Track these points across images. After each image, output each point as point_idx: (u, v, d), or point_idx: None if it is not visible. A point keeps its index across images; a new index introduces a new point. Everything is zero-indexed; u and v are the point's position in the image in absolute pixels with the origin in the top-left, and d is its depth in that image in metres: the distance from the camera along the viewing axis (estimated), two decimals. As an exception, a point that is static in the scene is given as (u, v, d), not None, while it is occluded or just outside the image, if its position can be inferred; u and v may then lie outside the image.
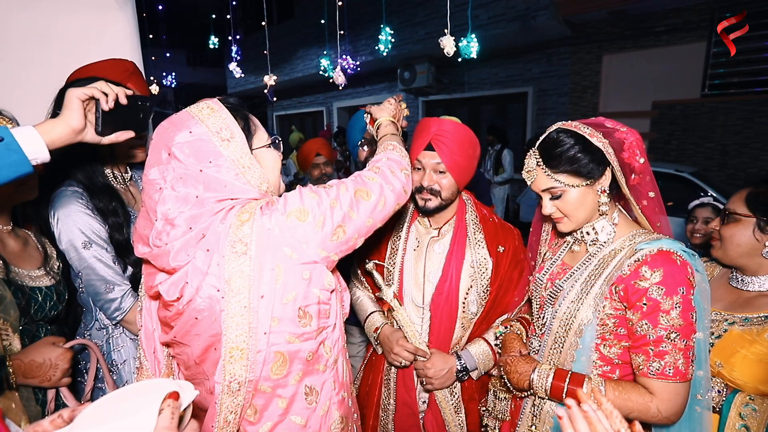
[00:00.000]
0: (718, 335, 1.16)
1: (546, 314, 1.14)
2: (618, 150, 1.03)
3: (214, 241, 0.84)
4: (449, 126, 1.34)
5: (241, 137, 0.90)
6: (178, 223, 0.83)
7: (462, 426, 1.43)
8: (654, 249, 0.97)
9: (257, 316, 0.85)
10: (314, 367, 0.96)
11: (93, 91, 0.96)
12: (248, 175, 0.90)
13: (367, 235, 0.99)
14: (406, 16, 7.28)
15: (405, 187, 1.04)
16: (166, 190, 0.85)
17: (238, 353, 0.85)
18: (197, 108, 0.90)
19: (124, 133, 1.07)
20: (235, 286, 0.83)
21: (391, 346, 1.40)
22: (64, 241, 1.23)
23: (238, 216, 0.86)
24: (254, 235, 0.84)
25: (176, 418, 0.53)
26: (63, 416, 0.58)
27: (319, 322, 0.94)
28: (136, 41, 2.00)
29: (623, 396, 0.96)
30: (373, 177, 1.00)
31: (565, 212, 1.07)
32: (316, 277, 0.91)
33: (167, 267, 0.86)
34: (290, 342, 0.90)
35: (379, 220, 0.99)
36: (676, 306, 0.93)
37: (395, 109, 1.32)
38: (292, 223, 0.87)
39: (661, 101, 5.98)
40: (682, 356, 0.93)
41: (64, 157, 1.28)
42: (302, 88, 11.11)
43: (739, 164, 5.56)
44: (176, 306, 0.88)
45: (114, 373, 1.35)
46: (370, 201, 0.96)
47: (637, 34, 6.01)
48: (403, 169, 1.07)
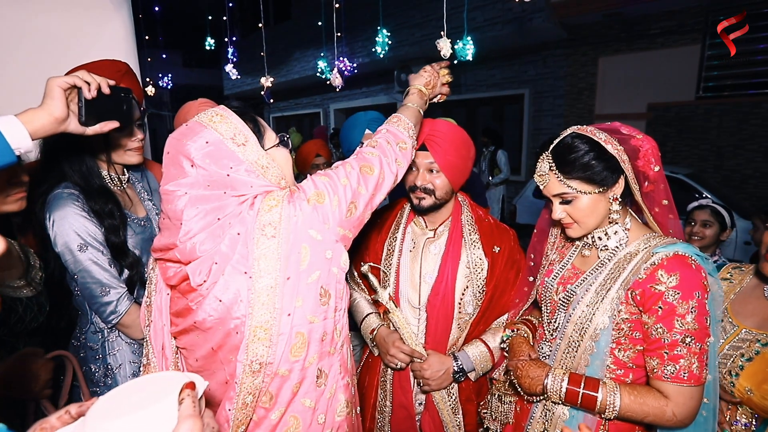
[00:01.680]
0: (749, 357, 1.09)
1: (558, 319, 1.13)
2: (633, 158, 1.02)
3: (243, 225, 0.88)
4: (442, 126, 1.36)
5: (254, 140, 0.93)
6: (206, 216, 0.87)
7: (460, 427, 1.43)
8: (670, 253, 0.97)
9: (282, 297, 0.89)
10: (326, 349, 0.99)
11: (74, 79, 0.95)
12: (268, 174, 0.94)
13: (374, 209, 1.05)
14: (402, 18, 7.30)
15: (398, 160, 1.09)
16: (192, 194, 0.87)
17: (262, 332, 0.88)
18: (207, 116, 0.92)
19: (109, 124, 1.05)
20: (263, 266, 0.87)
21: (387, 347, 1.40)
22: (60, 244, 1.22)
23: (267, 201, 0.91)
24: (282, 220, 0.90)
25: (197, 405, 0.52)
26: (71, 412, 0.56)
27: (336, 302, 0.99)
28: (132, 42, 1.99)
29: (639, 400, 0.96)
30: (371, 152, 1.06)
31: (576, 218, 1.06)
32: (336, 255, 0.97)
33: (193, 257, 0.88)
34: (311, 321, 0.94)
35: (381, 192, 1.05)
36: (692, 310, 0.92)
37: (430, 76, 1.28)
38: (313, 206, 0.93)
39: (656, 103, 6.02)
40: (696, 360, 0.92)
41: (60, 159, 1.28)
42: (299, 90, 11.11)
43: (734, 166, 5.60)
44: (200, 290, 0.89)
45: (109, 377, 1.34)
46: (374, 175, 1.03)
47: (632, 37, 6.05)
48: (399, 142, 1.11)
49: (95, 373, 1.33)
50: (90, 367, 1.33)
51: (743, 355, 1.09)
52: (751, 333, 1.11)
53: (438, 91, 1.32)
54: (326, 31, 6.32)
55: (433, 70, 1.30)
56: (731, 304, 1.23)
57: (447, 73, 1.33)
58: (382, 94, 9.34)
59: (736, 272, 1.30)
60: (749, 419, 1.05)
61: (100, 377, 1.33)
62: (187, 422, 0.49)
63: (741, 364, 1.08)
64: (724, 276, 1.31)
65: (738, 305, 1.22)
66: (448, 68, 1.35)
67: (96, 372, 1.33)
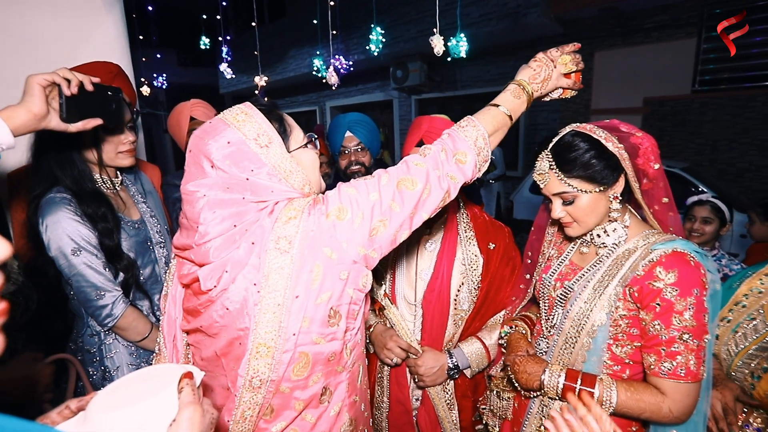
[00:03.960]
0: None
1: (556, 315, 1.13)
2: (633, 156, 1.01)
3: (260, 233, 0.84)
4: (440, 123, 1.36)
5: (278, 142, 0.88)
6: (222, 221, 0.83)
7: (455, 422, 1.44)
8: (669, 249, 0.97)
9: (289, 316, 0.84)
10: (334, 368, 0.95)
11: (54, 76, 0.95)
12: (291, 179, 0.88)
13: (415, 228, 0.93)
14: (397, 14, 7.27)
15: (452, 174, 0.92)
16: (210, 196, 0.84)
17: (265, 350, 0.84)
18: (231, 114, 0.88)
19: (92, 121, 1.05)
20: (273, 282, 0.83)
21: (384, 343, 1.41)
22: (53, 248, 1.22)
23: (286, 212, 0.85)
24: (299, 235, 0.83)
25: (197, 393, 0.53)
26: (71, 407, 0.57)
27: (347, 322, 0.93)
28: (125, 43, 1.98)
29: (635, 396, 0.96)
30: (418, 162, 0.91)
31: (576, 217, 1.05)
32: (353, 277, 0.89)
33: (206, 261, 0.85)
34: (316, 343, 0.89)
35: (425, 210, 0.91)
36: (690, 307, 0.92)
37: (541, 66, 1.03)
38: (332, 222, 0.85)
39: (652, 97, 6.03)
40: (693, 357, 0.92)
41: (51, 163, 1.27)
42: (294, 88, 11.07)
43: (729, 159, 5.61)
44: (209, 294, 0.87)
45: (107, 380, 1.34)
46: (415, 190, 0.89)
47: (628, 31, 6.05)
48: (457, 153, 0.93)
49: (93, 376, 1.33)
50: (88, 371, 1.33)
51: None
52: None
53: (555, 85, 1.05)
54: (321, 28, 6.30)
55: (547, 58, 1.03)
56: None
57: (571, 60, 1.03)
58: (378, 91, 9.32)
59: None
60: (763, 424, 1.02)
61: (98, 380, 1.33)
62: (188, 409, 0.51)
63: (766, 366, 1.05)
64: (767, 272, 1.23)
65: None
66: (575, 52, 1.04)
67: (94, 375, 1.33)
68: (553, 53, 1.04)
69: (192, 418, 0.50)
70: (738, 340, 1.14)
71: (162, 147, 13.11)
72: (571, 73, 1.04)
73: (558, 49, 1.04)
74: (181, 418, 0.50)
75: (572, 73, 1.04)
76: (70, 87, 0.98)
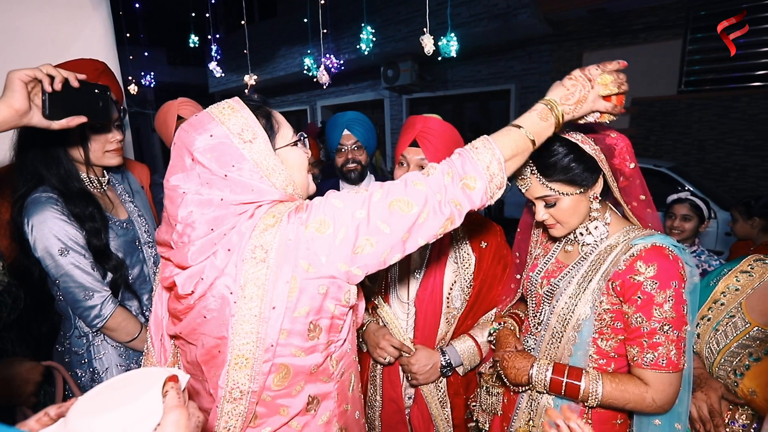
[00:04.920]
0: (757, 357, 1.06)
1: (543, 311, 1.15)
2: (609, 156, 1.04)
3: (237, 240, 0.80)
4: (434, 123, 1.37)
5: (263, 137, 0.85)
6: (199, 225, 0.80)
7: (448, 420, 1.45)
8: (648, 244, 1.00)
9: (266, 327, 0.81)
10: (318, 378, 0.92)
11: (35, 72, 0.94)
12: (273, 177, 0.85)
13: (408, 252, 0.86)
14: (388, 14, 7.28)
15: (457, 201, 0.84)
16: (189, 194, 0.81)
17: (243, 361, 0.82)
18: (218, 108, 0.85)
19: (76, 119, 1.03)
20: (249, 292, 0.80)
21: (377, 341, 1.42)
22: (40, 249, 1.20)
23: (264, 219, 0.81)
24: (275, 243, 0.79)
25: (182, 397, 0.52)
26: (49, 414, 0.55)
27: (329, 336, 0.89)
28: (111, 41, 1.96)
29: (620, 388, 0.99)
30: (418, 182, 0.84)
31: (559, 219, 1.08)
32: (333, 291, 0.85)
33: (184, 264, 0.84)
34: (295, 355, 0.86)
35: (422, 236, 0.84)
36: (669, 299, 0.95)
37: (576, 86, 0.89)
38: (311, 234, 0.80)
39: (640, 98, 6.11)
40: (674, 347, 0.96)
41: (35, 162, 1.24)
42: (285, 87, 11.02)
43: (715, 159, 5.72)
44: (188, 300, 0.85)
45: (96, 382, 1.32)
46: (410, 213, 0.81)
47: (616, 32, 6.13)
48: (465, 178, 0.83)
49: (81, 378, 1.31)
50: (76, 372, 1.31)
51: (751, 355, 1.06)
52: (764, 332, 1.07)
53: (591, 108, 0.91)
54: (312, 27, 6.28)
55: (585, 77, 0.90)
56: (747, 299, 1.17)
57: (612, 81, 0.89)
58: (369, 90, 9.31)
59: (758, 265, 1.21)
60: (749, 421, 1.03)
61: (86, 382, 1.31)
62: (173, 413, 0.50)
63: (747, 363, 1.06)
64: (744, 268, 1.25)
65: (754, 301, 1.16)
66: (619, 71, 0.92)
67: (82, 377, 1.31)
68: (592, 71, 0.90)
69: (177, 421, 0.49)
70: (719, 338, 1.16)
71: (150, 146, 12.96)
72: (612, 95, 0.90)
73: (598, 66, 0.90)
74: (166, 422, 0.49)
75: (613, 96, 0.90)
76: (54, 84, 0.96)
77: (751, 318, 1.14)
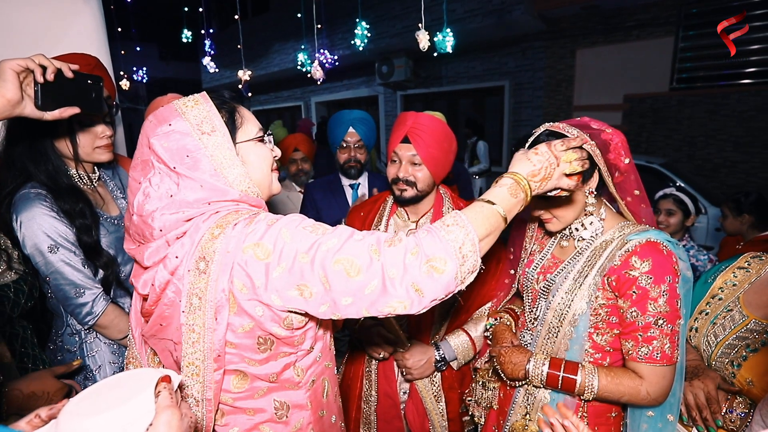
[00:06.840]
0: (754, 348, 1.07)
1: (539, 307, 1.17)
2: (604, 151, 1.05)
3: (188, 247, 0.79)
4: (425, 120, 1.38)
5: (223, 131, 0.83)
6: (155, 224, 0.79)
7: (443, 414, 1.46)
8: (643, 239, 1.01)
9: (212, 338, 0.79)
10: (283, 386, 0.90)
11: (28, 62, 0.93)
12: (226, 172, 0.82)
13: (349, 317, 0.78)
14: (383, 9, 7.25)
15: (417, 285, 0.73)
16: (144, 184, 0.81)
17: (194, 368, 0.81)
18: (182, 101, 0.85)
19: (69, 109, 1.02)
20: (195, 303, 0.78)
21: (371, 338, 1.42)
22: (29, 246, 1.18)
23: (212, 229, 0.78)
24: (217, 256, 0.76)
25: (174, 397, 0.53)
26: (40, 415, 0.55)
27: (285, 348, 0.87)
28: (103, 35, 1.93)
29: (615, 381, 1.00)
30: (373, 251, 0.74)
31: (555, 214, 1.09)
32: (271, 315, 0.80)
33: (143, 264, 0.83)
34: (249, 364, 0.85)
35: (364, 307, 0.75)
36: (664, 294, 0.97)
37: (542, 162, 0.86)
38: (248, 256, 0.76)
39: (632, 94, 6.15)
40: (668, 341, 0.97)
41: (23, 158, 1.23)
42: (279, 83, 10.95)
43: (706, 155, 5.77)
44: (148, 302, 0.85)
45: (90, 380, 1.31)
46: (356, 280, 0.73)
47: (609, 29, 6.15)
48: (430, 260, 0.73)
49: (75, 376, 1.30)
50: (67, 370, 1.30)
51: (748, 346, 1.08)
52: (761, 324, 1.08)
53: (555, 185, 0.88)
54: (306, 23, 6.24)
55: (551, 153, 0.87)
56: (744, 294, 1.20)
57: (576, 159, 0.87)
58: (364, 86, 9.28)
59: (754, 261, 1.24)
60: (746, 410, 1.05)
61: (79, 381, 1.30)
62: (165, 413, 0.50)
63: (745, 354, 1.08)
64: (741, 265, 1.26)
65: (751, 295, 1.18)
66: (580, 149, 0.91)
67: (75, 376, 1.30)
68: (557, 147, 0.87)
69: (170, 422, 0.49)
70: (717, 331, 1.18)
71: (143, 143, 12.82)
72: (573, 174, 0.89)
73: (563, 142, 0.88)
74: (159, 422, 0.49)
75: (574, 175, 0.89)
76: (47, 74, 0.95)
77: (749, 311, 1.16)
